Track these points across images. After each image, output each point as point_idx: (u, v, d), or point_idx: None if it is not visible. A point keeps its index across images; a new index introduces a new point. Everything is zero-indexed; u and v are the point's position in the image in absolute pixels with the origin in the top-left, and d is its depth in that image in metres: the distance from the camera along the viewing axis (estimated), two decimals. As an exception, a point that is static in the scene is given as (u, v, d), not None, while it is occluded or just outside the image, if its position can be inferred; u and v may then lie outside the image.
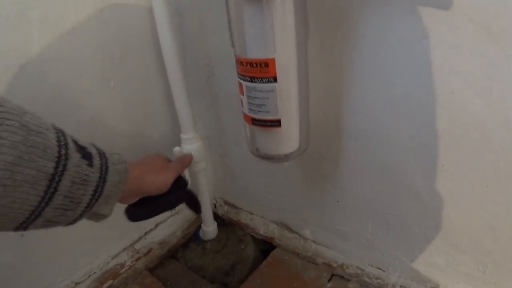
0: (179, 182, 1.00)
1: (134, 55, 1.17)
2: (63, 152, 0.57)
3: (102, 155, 0.67)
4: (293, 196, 1.28)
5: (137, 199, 0.89)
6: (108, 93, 1.13)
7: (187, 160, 1.09)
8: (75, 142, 0.62)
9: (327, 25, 0.90)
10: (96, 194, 0.64)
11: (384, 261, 1.15)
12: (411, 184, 0.97)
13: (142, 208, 0.91)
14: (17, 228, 0.56)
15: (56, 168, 0.56)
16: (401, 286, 1.13)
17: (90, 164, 0.62)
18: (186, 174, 1.11)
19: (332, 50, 0.93)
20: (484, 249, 0.95)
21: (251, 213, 1.46)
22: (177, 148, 1.14)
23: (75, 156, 0.59)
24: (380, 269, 1.17)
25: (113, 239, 1.29)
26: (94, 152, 0.65)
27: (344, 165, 1.08)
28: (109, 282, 1.24)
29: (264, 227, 1.40)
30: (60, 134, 0.59)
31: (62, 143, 0.58)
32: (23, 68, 0.94)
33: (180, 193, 1.01)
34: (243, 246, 1.40)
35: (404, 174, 0.97)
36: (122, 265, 1.28)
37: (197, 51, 1.24)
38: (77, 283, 1.21)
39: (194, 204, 1.09)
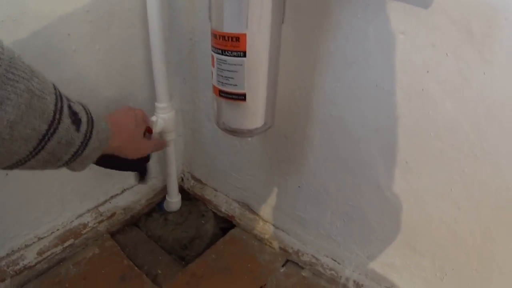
0: (147, 156, 1.09)
1: (121, 22, 1.18)
2: (57, 117, 0.63)
3: (89, 121, 0.72)
4: (257, 177, 1.29)
5: None
6: (93, 55, 1.15)
7: (163, 145, 1.22)
8: (70, 107, 0.67)
9: (305, 10, 0.91)
10: (76, 154, 0.71)
11: (340, 254, 1.17)
12: (374, 177, 0.98)
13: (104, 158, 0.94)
14: (3, 169, 0.63)
15: (48, 130, 0.62)
16: (354, 281, 1.14)
17: (77, 129, 0.68)
18: None
19: (308, 36, 0.94)
20: (444, 256, 0.96)
21: (216, 190, 1.47)
22: (153, 118, 1.18)
23: (66, 121, 0.65)
24: (335, 261, 1.18)
25: (79, 199, 1.30)
26: (84, 119, 0.70)
27: (309, 151, 1.09)
28: (71, 241, 1.25)
29: (226, 205, 1.41)
30: (59, 99, 0.65)
31: (58, 108, 0.64)
32: (16, 21, 0.97)
33: (140, 164, 1.11)
34: (203, 222, 1.41)
35: (367, 167, 0.99)
36: (85, 225, 1.30)
37: (183, 25, 1.25)
38: (40, 238, 1.22)
39: (144, 177, 1.18)
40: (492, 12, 0.68)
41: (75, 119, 0.68)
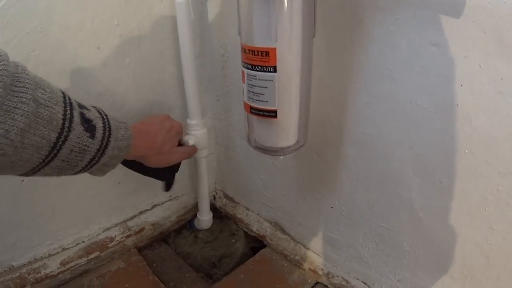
0: (175, 165, 1.10)
1: (152, 36, 1.19)
2: (66, 124, 0.65)
3: (106, 128, 0.75)
4: (289, 196, 1.27)
5: None
6: (123, 70, 1.15)
7: (192, 152, 1.17)
8: (82, 115, 0.70)
9: (336, 24, 0.90)
10: (93, 161, 0.74)
11: (371, 276, 1.13)
12: (407, 197, 0.95)
13: (130, 162, 0.97)
14: (20, 175, 0.66)
15: (58, 138, 0.64)
16: (384, 305, 1.11)
17: (92, 136, 0.71)
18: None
19: (340, 51, 0.92)
20: (475, 279, 0.92)
21: (248, 209, 1.46)
22: (186, 137, 1.18)
23: (78, 129, 0.68)
24: (366, 284, 1.15)
25: (107, 212, 1.31)
26: (99, 125, 0.73)
27: (342, 170, 1.07)
28: (96, 254, 1.25)
29: (257, 224, 1.40)
30: (68, 107, 0.67)
31: (68, 116, 0.66)
32: (44, 33, 0.98)
33: (167, 173, 1.11)
34: (234, 240, 1.40)
35: (401, 186, 0.96)
36: (112, 239, 1.30)
37: (214, 41, 1.25)
38: (64, 248, 1.23)
39: (169, 186, 1.17)
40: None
41: (89, 126, 0.70)
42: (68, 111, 0.66)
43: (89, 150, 0.71)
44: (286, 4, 0.76)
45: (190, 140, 1.18)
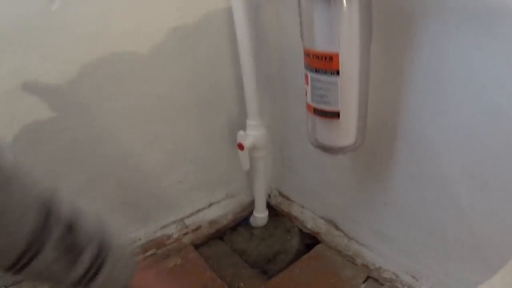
0: None
1: (208, 39, 1.24)
2: (36, 245, 0.56)
3: (94, 265, 0.64)
4: (344, 194, 1.32)
5: None
6: (181, 70, 1.21)
7: None
8: (63, 239, 0.59)
9: (391, 31, 0.95)
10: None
11: (419, 270, 1.17)
12: (456, 195, 0.99)
13: None
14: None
15: (23, 253, 0.56)
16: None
17: (70, 268, 0.61)
18: (247, 160, 1.24)
19: (394, 55, 0.97)
20: None
21: (303, 207, 1.51)
22: (241, 132, 1.23)
23: (49, 254, 0.58)
24: (414, 278, 1.19)
25: (164, 210, 1.37)
26: (86, 259, 0.62)
27: (395, 168, 1.11)
28: (152, 251, 1.31)
29: (312, 222, 1.44)
30: (41, 226, 0.57)
31: (37, 236, 0.56)
32: (101, 36, 1.04)
33: None
34: (289, 237, 1.45)
35: (450, 185, 0.99)
36: (169, 237, 1.35)
37: (270, 43, 1.30)
38: None
39: None
40: None
41: (69, 255, 0.60)
42: (40, 232, 0.56)
43: (61, 281, 0.62)
44: (346, 12, 0.81)
45: (249, 140, 1.23)
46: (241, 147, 1.25)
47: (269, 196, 1.60)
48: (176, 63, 1.20)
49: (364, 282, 1.24)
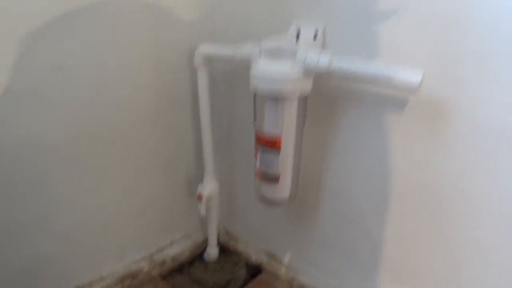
0: None
1: (176, 108, 1.49)
2: None
3: None
4: (281, 232, 1.58)
5: None
6: (152, 131, 1.45)
7: None
8: None
9: (320, 115, 1.27)
10: None
11: (343, 286, 1.45)
12: (368, 230, 1.28)
13: None
14: None
15: None
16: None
17: None
18: (203, 207, 1.49)
19: (322, 132, 1.29)
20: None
21: (247, 243, 1.77)
22: (200, 185, 1.51)
23: None
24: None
25: (136, 248, 1.58)
26: None
27: (322, 212, 1.39)
28: (129, 281, 1.53)
29: (256, 255, 1.71)
30: None
31: None
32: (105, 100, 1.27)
33: None
34: (237, 268, 1.70)
35: (363, 222, 1.28)
36: (141, 270, 1.58)
37: (224, 111, 1.58)
38: (102, 277, 1.49)
39: None
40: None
41: None
42: None
43: None
44: (287, 108, 1.10)
45: (206, 190, 1.51)
46: (200, 197, 1.50)
47: (219, 235, 1.83)
48: (152, 134, 1.45)
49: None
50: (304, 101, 1.16)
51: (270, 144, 1.15)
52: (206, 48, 1.35)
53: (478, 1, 0.88)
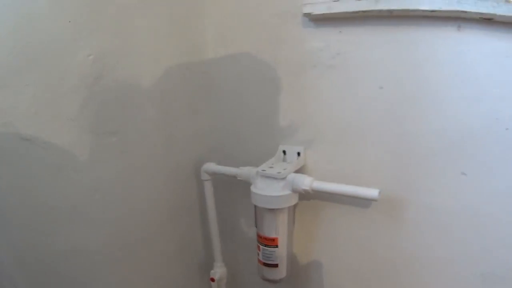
0: None
1: (184, 212, 1.72)
2: None
3: None
4: None
5: None
6: (165, 232, 1.62)
7: None
8: None
9: (306, 217, 1.55)
10: None
11: None
12: None
13: None
14: None
15: None
16: None
17: None
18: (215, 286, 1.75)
19: (307, 228, 1.56)
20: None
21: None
22: (212, 270, 1.78)
23: None
24: None
25: None
26: None
27: (311, 285, 1.66)
28: None
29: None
30: None
31: None
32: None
33: None
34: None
35: None
36: None
37: (225, 211, 1.82)
38: None
39: None
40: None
41: None
42: None
43: None
44: (281, 217, 1.37)
45: (217, 274, 1.79)
46: (213, 280, 1.78)
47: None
48: (168, 226, 1.61)
49: None
50: (293, 207, 1.45)
51: (269, 242, 1.44)
52: (209, 167, 1.65)
53: (425, 126, 1.23)
